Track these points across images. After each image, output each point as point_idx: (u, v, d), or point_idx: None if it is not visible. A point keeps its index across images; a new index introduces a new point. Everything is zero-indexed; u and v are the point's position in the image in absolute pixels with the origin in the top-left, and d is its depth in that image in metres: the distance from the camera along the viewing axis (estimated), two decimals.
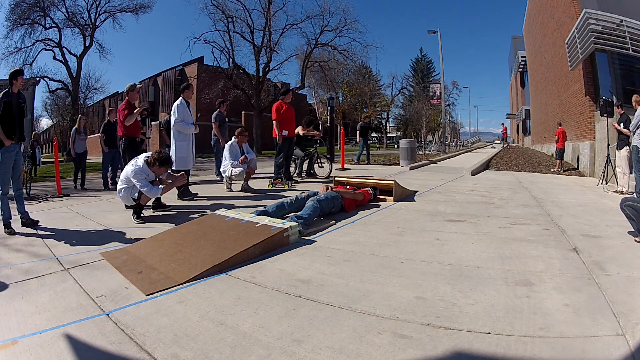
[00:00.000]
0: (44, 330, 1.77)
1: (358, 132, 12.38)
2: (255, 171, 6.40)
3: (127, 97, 5.18)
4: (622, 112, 6.39)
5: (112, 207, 5.09)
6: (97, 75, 52.49)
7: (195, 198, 5.45)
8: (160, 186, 4.16)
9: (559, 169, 10.47)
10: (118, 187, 4.24)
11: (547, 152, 16.12)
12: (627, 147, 5.94)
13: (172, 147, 5.36)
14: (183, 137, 5.34)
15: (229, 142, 6.14)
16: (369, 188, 4.95)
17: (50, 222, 4.09)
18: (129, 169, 4.15)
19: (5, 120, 3.60)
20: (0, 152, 3.61)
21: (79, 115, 8.52)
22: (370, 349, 1.57)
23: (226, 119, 8.07)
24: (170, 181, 4.36)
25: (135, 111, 5.13)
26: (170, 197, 5.48)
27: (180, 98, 5.44)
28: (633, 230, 3.12)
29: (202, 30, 51.44)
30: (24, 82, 4.06)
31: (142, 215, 4.18)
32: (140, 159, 4.17)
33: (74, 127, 7.77)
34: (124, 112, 5.06)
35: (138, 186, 4.00)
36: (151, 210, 4.57)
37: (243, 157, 5.94)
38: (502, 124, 29.70)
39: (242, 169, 5.86)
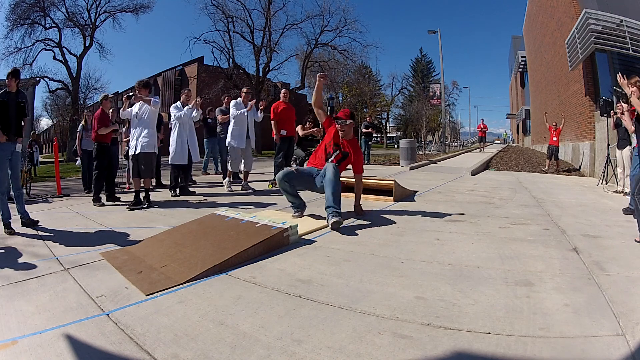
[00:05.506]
0: (44, 330, 1.77)
1: (360, 131, 12.33)
2: (255, 171, 6.42)
3: (101, 106, 5.43)
4: None
5: (112, 207, 5.08)
6: (97, 75, 52.15)
7: (194, 197, 5.51)
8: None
9: (558, 169, 10.49)
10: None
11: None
12: (630, 147, 5.94)
13: (170, 143, 6.04)
14: (178, 134, 5.96)
15: (235, 100, 6.29)
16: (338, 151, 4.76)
17: (50, 222, 4.09)
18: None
19: (2, 120, 3.59)
20: None
21: (85, 112, 7.73)
22: (370, 349, 1.57)
23: (209, 119, 8.26)
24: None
25: (109, 127, 5.39)
26: (170, 197, 5.48)
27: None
28: (636, 225, 3.13)
29: (202, 30, 51.38)
30: (24, 82, 4.06)
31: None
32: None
33: (81, 124, 7.04)
34: (96, 121, 5.28)
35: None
36: (147, 209, 4.57)
37: (252, 102, 6.10)
38: (482, 119, 27.76)
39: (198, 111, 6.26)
